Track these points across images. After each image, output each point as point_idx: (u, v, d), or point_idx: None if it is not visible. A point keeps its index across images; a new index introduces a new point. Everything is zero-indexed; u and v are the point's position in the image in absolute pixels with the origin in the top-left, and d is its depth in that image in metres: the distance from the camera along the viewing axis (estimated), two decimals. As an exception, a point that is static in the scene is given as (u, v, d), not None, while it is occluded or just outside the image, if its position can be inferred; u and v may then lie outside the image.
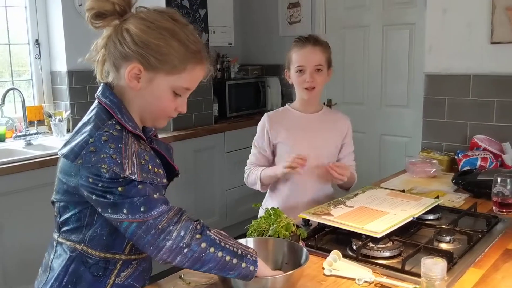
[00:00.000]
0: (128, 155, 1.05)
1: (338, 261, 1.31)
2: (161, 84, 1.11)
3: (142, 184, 1.05)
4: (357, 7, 3.72)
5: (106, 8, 1.08)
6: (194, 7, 3.39)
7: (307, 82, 1.85)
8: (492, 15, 2.28)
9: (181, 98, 1.15)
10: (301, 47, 1.88)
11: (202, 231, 1.07)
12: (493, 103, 2.34)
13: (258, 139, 1.99)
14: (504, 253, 1.39)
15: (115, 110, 1.10)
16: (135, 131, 1.11)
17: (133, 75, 1.09)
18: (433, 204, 1.64)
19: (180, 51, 1.09)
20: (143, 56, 1.08)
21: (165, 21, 1.09)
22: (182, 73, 1.11)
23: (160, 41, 1.07)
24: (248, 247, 1.12)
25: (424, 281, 1.06)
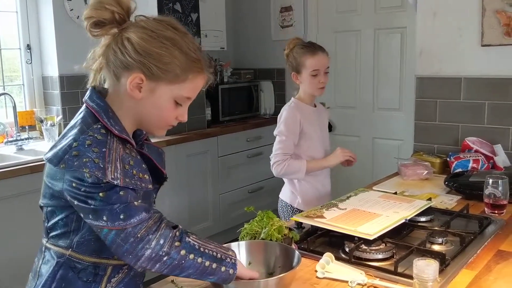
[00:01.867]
0: (111, 159, 1.04)
1: (330, 263, 1.31)
2: (163, 94, 1.10)
3: (123, 191, 1.03)
4: (349, 11, 3.74)
5: (105, 16, 1.07)
6: (186, 11, 3.39)
7: (321, 83, 2.14)
8: (482, 18, 2.30)
9: (182, 107, 1.14)
10: (314, 53, 2.13)
11: (181, 238, 1.06)
12: (484, 105, 2.36)
13: (291, 129, 2.11)
14: (496, 254, 1.39)
15: (102, 114, 1.09)
16: (121, 135, 1.09)
17: (134, 84, 1.08)
18: (426, 206, 1.65)
19: (182, 60, 1.08)
20: (145, 65, 1.06)
21: (166, 30, 1.09)
22: (184, 82, 1.10)
23: (162, 50, 1.07)
24: (227, 250, 1.12)
25: (416, 283, 1.06)
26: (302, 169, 2.09)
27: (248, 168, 3.88)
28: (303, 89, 2.19)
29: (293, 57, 2.15)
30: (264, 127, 3.99)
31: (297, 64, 2.14)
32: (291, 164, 2.09)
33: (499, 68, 2.30)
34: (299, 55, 2.13)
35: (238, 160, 3.79)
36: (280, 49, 4.08)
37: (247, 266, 1.23)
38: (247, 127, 3.84)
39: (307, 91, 2.18)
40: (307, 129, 2.13)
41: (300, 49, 2.14)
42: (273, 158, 2.12)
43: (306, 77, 2.13)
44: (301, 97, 2.20)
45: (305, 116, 2.15)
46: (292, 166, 2.09)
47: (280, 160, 2.10)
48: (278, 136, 2.13)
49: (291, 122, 2.11)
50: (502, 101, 2.31)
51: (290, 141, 2.10)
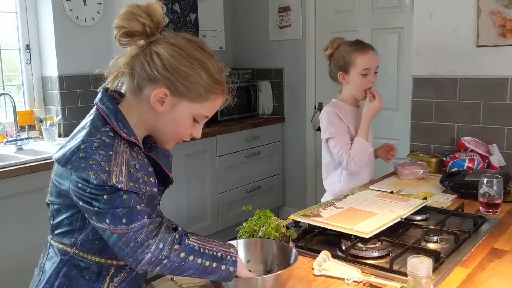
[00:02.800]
0: (117, 163, 1.06)
1: (327, 261, 1.34)
2: (184, 111, 1.14)
3: (127, 194, 1.05)
4: (346, 12, 3.76)
5: (136, 28, 1.10)
6: (185, 12, 3.41)
7: (371, 83, 2.09)
8: (478, 19, 2.32)
9: (198, 124, 1.18)
10: (365, 51, 2.07)
11: (181, 241, 1.08)
12: (479, 105, 2.38)
13: (338, 126, 2.09)
14: (490, 252, 1.42)
15: (111, 116, 1.11)
16: (130, 138, 1.11)
17: (158, 98, 1.11)
18: (421, 205, 1.67)
19: (206, 81, 1.12)
20: (172, 81, 1.10)
21: (195, 50, 1.12)
22: (206, 102, 1.14)
23: (189, 70, 1.10)
24: (228, 247, 1.14)
25: (410, 280, 1.08)
26: (363, 143, 2.04)
27: (246, 168, 3.90)
28: (348, 90, 2.14)
29: (340, 55, 2.08)
30: (262, 127, 4.01)
31: (345, 63, 2.07)
32: (354, 150, 2.04)
33: (494, 69, 2.32)
34: (348, 53, 2.06)
35: (236, 160, 3.81)
36: (279, 49, 4.15)
37: (245, 264, 1.25)
38: (246, 127, 3.86)
39: (353, 92, 2.12)
40: (350, 129, 2.11)
41: (348, 47, 2.08)
42: (343, 160, 2.06)
43: (355, 76, 2.07)
44: (344, 98, 2.16)
45: (346, 116, 2.11)
46: (356, 150, 2.04)
47: (348, 158, 2.05)
48: (332, 139, 2.09)
49: (336, 120, 2.09)
50: (497, 101, 2.33)
51: (343, 137, 2.07)
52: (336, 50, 2.13)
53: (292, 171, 4.26)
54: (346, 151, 2.06)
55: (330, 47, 2.15)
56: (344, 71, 2.10)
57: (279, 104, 4.26)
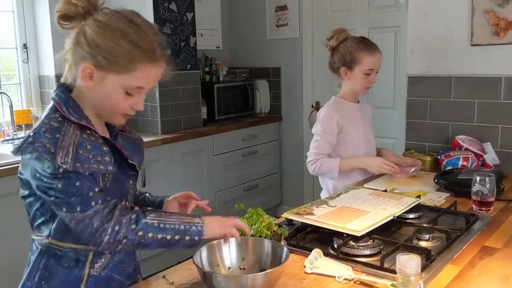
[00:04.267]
0: (64, 145, 1.09)
1: (319, 259, 1.34)
2: (112, 84, 1.14)
3: (80, 181, 1.09)
4: (343, 11, 3.77)
5: (70, 10, 1.13)
6: (181, 11, 3.42)
7: (372, 83, 2.12)
8: (472, 18, 2.33)
9: (135, 97, 1.17)
10: (373, 52, 2.09)
11: (137, 221, 1.12)
12: (474, 104, 2.39)
13: (326, 129, 2.11)
14: (481, 250, 1.43)
15: (61, 104, 1.15)
16: (80, 122, 1.14)
17: (86, 74, 1.13)
18: (414, 203, 1.68)
19: (129, 50, 1.11)
20: (94, 56, 1.11)
21: (119, 21, 1.13)
22: (133, 72, 1.13)
23: (109, 41, 1.11)
24: (193, 218, 1.18)
25: (399, 277, 1.09)
26: (335, 168, 2.07)
27: (243, 167, 3.91)
28: (349, 85, 2.15)
29: (347, 51, 2.08)
30: (260, 126, 4.02)
31: (351, 60, 2.07)
32: (324, 164, 2.09)
33: (488, 68, 2.33)
34: (355, 50, 2.07)
35: (233, 159, 3.82)
36: (276, 48, 4.15)
37: (240, 261, 1.26)
38: (243, 126, 3.87)
39: (354, 88, 2.14)
40: (348, 127, 2.12)
41: (356, 44, 2.08)
42: (308, 157, 2.12)
43: (358, 74, 2.08)
44: (344, 94, 2.18)
45: (346, 114, 2.13)
46: (324, 166, 2.09)
47: (313, 159, 2.09)
48: (315, 135, 2.13)
49: (326, 123, 2.10)
50: (491, 100, 2.34)
51: (325, 141, 2.10)
52: (342, 43, 2.11)
53: (289, 170, 4.27)
54: (316, 158, 2.10)
55: (336, 39, 2.13)
56: (348, 67, 2.10)
57: (276, 103, 4.27)
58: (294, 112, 4.15)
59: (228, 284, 1.10)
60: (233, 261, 1.26)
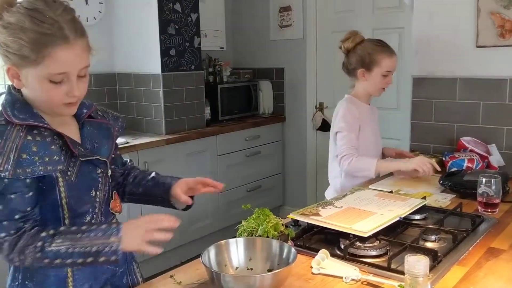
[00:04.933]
0: (5, 151, 1.08)
1: (326, 260, 1.35)
2: (34, 77, 1.10)
3: (2, 206, 1.08)
4: (347, 12, 3.77)
5: None
6: (186, 11, 3.42)
7: (388, 84, 2.17)
8: (477, 19, 2.33)
9: (66, 83, 1.11)
10: (391, 55, 2.14)
11: (42, 249, 1.08)
12: (479, 105, 2.39)
13: (350, 123, 2.11)
14: (487, 251, 1.43)
15: (6, 107, 1.14)
16: (25, 122, 1.12)
17: (13, 75, 1.12)
18: (420, 205, 1.68)
19: (31, 41, 1.06)
20: (8, 57, 1.09)
21: (18, 14, 1.08)
22: (45, 60, 1.07)
23: (12, 37, 1.07)
24: (108, 237, 1.11)
25: (407, 278, 1.09)
26: (371, 168, 2.03)
27: (246, 167, 3.91)
28: (364, 87, 2.18)
29: (365, 53, 2.11)
30: (263, 127, 4.03)
31: (370, 61, 2.11)
32: (361, 161, 2.05)
33: (493, 69, 2.33)
34: (375, 52, 2.11)
35: (236, 159, 3.82)
36: (279, 49, 4.16)
37: (248, 261, 1.26)
38: (246, 126, 3.88)
39: (370, 89, 2.17)
40: (363, 127, 2.14)
41: (375, 46, 2.13)
42: (340, 154, 2.09)
43: (376, 76, 2.12)
44: (358, 94, 2.20)
45: (361, 114, 2.15)
46: (361, 162, 2.05)
47: (347, 154, 2.06)
48: (340, 133, 2.11)
49: (350, 117, 2.11)
50: (496, 101, 2.34)
51: (352, 135, 2.09)
52: (359, 45, 2.15)
53: (292, 171, 4.27)
54: (350, 151, 2.06)
55: (352, 41, 2.16)
56: (367, 68, 2.13)
57: (280, 103, 4.27)
58: (297, 113, 4.16)
59: (236, 284, 1.10)
60: (240, 261, 1.26)
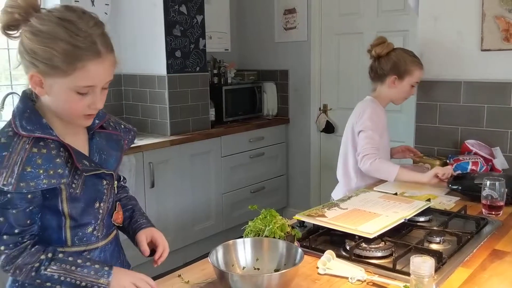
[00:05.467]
0: (10, 163, 1.07)
1: (332, 260, 1.36)
2: (61, 87, 1.10)
3: (4, 218, 1.09)
4: (352, 14, 3.79)
5: (10, 19, 1.08)
6: (191, 13, 3.44)
7: (412, 95, 2.29)
8: (482, 23, 2.34)
9: (90, 96, 1.12)
10: (421, 67, 2.24)
11: (38, 270, 1.11)
12: (483, 108, 2.40)
13: (375, 123, 2.15)
14: (491, 254, 1.44)
15: (16, 116, 1.12)
16: (32, 134, 1.11)
17: (36, 82, 1.10)
18: (425, 207, 1.69)
19: (64, 52, 1.06)
20: (35, 64, 1.08)
21: (49, 23, 1.07)
22: (75, 72, 1.08)
23: (44, 46, 1.06)
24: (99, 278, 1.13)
25: (413, 279, 1.11)
26: (393, 172, 2.05)
27: (250, 168, 3.93)
28: (388, 92, 2.24)
29: (401, 61, 2.18)
30: (267, 128, 4.04)
31: (404, 70, 2.18)
32: (384, 162, 2.09)
33: (498, 73, 2.34)
34: (410, 63, 2.19)
35: (240, 160, 3.84)
36: (284, 51, 4.17)
37: (255, 261, 1.27)
38: (250, 128, 3.89)
39: (395, 96, 2.24)
40: (381, 130, 2.19)
41: (410, 57, 2.21)
42: (362, 153, 2.10)
43: (406, 85, 2.20)
44: (379, 98, 2.25)
45: (382, 116, 2.22)
46: (384, 165, 2.08)
47: (369, 153, 2.08)
48: (364, 132, 2.13)
49: (376, 118, 2.16)
50: (500, 104, 2.35)
51: (376, 135, 2.13)
52: (393, 52, 2.21)
53: (296, 172, 4.28)
54: (372, 151, 2.09)
55: (385, 47, 2.22)
56: (399, 76, 2.19)
57: (284, 105, 4.29)
58: (301, 114, 4.17)
59: (244, 283, 1.12)
60: (248, 261, 1.28)
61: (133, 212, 1.40)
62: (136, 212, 1.40)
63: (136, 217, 1.38)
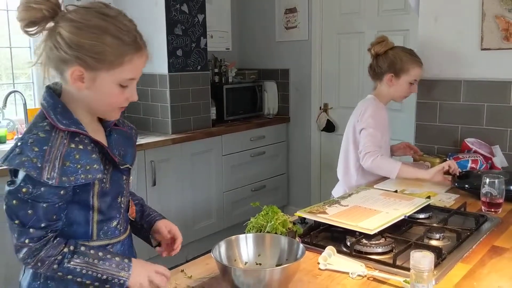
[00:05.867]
0: (51, 158, 1.08)
1: (332, 256, 1.38)
2: (106, 81, 1.12)
3: (32, 210, 1.09)
4: (352, 14, 3.80)
5: (35, 16, 1.08)
6: (193, 12, 3.46)
7: (411, 93, 2.26)
8: (482, 22, 2.36)
9: (129, 88, 1.17)
10: (420, 65, 2.24)
11: (60, 263, 1.11)
12: (483, 107, 2.42)
13: (378, 122, 2.17)
14: (490, 250, 1.46)
15: (49, 110, 1.13)
16: (69, 128, 1.12)
17: (76, 77, 1.11)
18: (425, 204, 1.71)
19: (114, 45, 1.09)
20: (80, 58, 1.09)
21: (94, 18, 1.10)
22: (122, 66, 1.12)
23: (92, 40, 1.08)
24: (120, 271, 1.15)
25: (413, 273, 1.12)
26: (395, 169, 2.07)
27: (251, 167, 3.94)
28: (389, 91, 2.25)
29: (397, 59, 2.19)
30: (268, 127, 4.06)
31: (400, 68, 2.19)
32: (386, 159, 2.10)
33: (497, 72, 2.36)
34: (407, 60, 2.19)
35: (241, 159, 3.85)
36: (285, 50, 4.18)
37: (257, 257, 1.29)
38: (251, 127, 3.91)
39: (394, 94, 2.25)
40: (383, 128, 2.20)
41: (408, 55, 2.21)
42: (364, 150, 2.12)
43: (403, 83, 2.21)
44: (380, 97, 2.26)
45: (384, 114, 2.23)
46: (385, 163, 2.09)
47: (371, 151, 2.09)
48: (366, 130, 2.15)
49: (378, 116, 2.17)
50: (500, 103, 2.37)
51: (378, 133, 2.14)
52: (391, 50, 2.22)
53: (297, 171, 4.30)
54: (374, 149, 2.10)
55: (384, 45, 2.23)
56: (395, 74, 2.20)
57: (285, 104, 4.30)
58: (302, 113, 4.19)
59: (247, 277, 1.13)
60: (250, 256, 1.29)
61: (142, 206, 1.43)
62: (144, 206, 1.43)
63: (148, 211, 1.42)
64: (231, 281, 1.15)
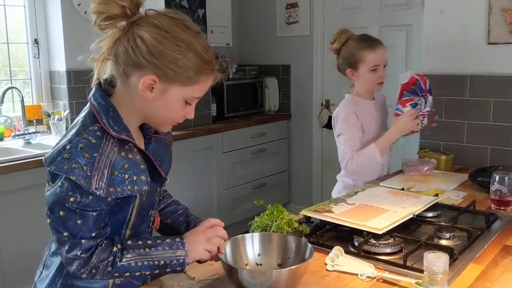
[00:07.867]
0: (100, 166, 1.03)
1: (340, 257, 1.33)
2: (174, 95, 1.09)
3: (82, 220, 1.04)
4: (354, 8, 3.75)
5: (116, 12, 1.04)
6: (193, 7, 3.41)
7: (381, 78, 2.10)
8: (489, 16, 2.31)
9: (190, 106, 1.15)
10: (374, 48, 2.06)
11: (113, 263, 1.07)
12: (490, 102, 2.37)
13: (351, 124, 2.09)
14: (502, 249, 1.41)
15: (101, 113, 1.08)
16: (120, 136, 1.08)
17: (147, 85, 1.07)
18: (433, 202, 1.66)
19: (195, 63, 1.07)
20: (159, 67, 1.05)
21: (181, 30, 1.07)
22: (197, 84, 1.10)
23: (177, 53, 1.05)
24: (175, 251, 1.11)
25: (426, 275, 1.08)
26: (374, 152, 2.02)
27: (252, 164, 3.90)
28: (360, 85, 2.14)
29: (349, 52, 2.07)
30: (269, 124, 4.01)
31: (354, 60, 2.07)
32: (362, 155, 2.04)
33: (505, 66, 2.31)
34: (357, 50, 2.05)
35: (242, 156, 3.81)
36: (286, 46, 4.14)
37: (256, 257, 1.25)
38: (252, 124, 3.87)
39: (365, 87, 2.14)
40: (366, 125, 2.12)
41: (357, 43, 2.07)
42: (343, 159, 2.07)
43: (365, 73, 2.08)
44: (359, 92, 2.17)
45: (362, 110, 2.12)
46: (365, 155, 2.04)
47: (349, 157, 2.05)
48: (341, 136, 2.09)
49: (349, 117, 2.09)
50: (507, 98, 2.32)
51: (354, 136, 2.07)
52: (344, 45, 2.11)
53: (298, 168, 4.25)
54: (352, 154, 2.05)
55: (338, 41, 2.13)
56: (353, 68, 2.10)
57: (286, 101, 4.25)
58: (303, 110, 4.14)
59: (254, 279, 1.09)
60: (256, 256, 1.25)
61: (187, 216, 1.37)
62: (190, 217, 1.37)
63: (194, 222, 1.34)
64: (237, 282, 1.10)
